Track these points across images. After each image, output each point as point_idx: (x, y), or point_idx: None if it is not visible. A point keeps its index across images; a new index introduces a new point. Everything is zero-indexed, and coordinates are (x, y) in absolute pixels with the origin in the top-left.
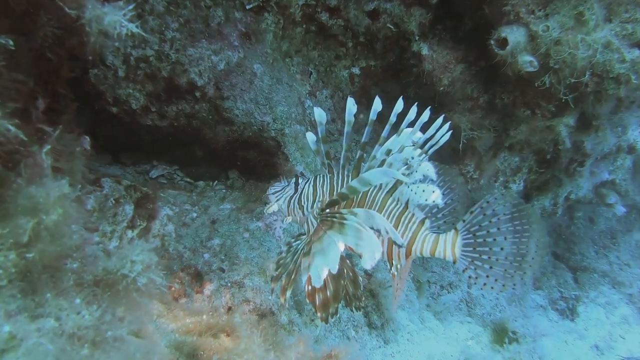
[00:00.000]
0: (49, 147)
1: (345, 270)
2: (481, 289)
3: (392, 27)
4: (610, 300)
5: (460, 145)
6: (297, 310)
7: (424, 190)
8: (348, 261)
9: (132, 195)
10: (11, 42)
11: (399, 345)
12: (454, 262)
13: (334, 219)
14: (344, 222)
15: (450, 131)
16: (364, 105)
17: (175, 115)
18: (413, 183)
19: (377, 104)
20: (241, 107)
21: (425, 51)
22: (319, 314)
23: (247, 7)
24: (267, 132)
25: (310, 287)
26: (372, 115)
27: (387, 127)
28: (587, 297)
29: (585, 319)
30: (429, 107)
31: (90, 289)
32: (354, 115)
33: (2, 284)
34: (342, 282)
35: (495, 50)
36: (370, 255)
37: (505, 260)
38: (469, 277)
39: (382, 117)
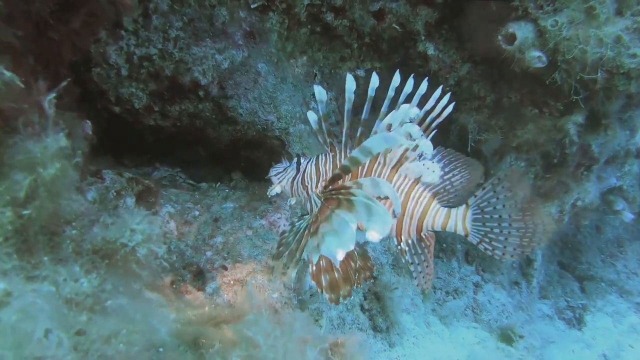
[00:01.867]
0: (53, 95)
1: (353, 250)
2: (500, 258)
3: (397, 27)
4: (617, 309)
5: (469, 148)
6: (300, 310)
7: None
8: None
9: (134, 187)
10: None
11: (404, 348)
12: (466, 236)
13: (340, 196)
14: (352, 198)
15: (453, 102)
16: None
17: (179, 115)
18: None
19: (375, 81)
20: (245, 106)
21: (431, 51)
22: (327, 295)
23: (252, 6)
24: (272, 131)
25: (315, 268)
26: (371, 92)
27: (386, 102)
28: (595, 306)
29: (592, 328)
30: (426, 77)
31: (89, 257)
32: (354, 92)
33: None
34: (352, 264)
35: (503, 46)
36: (381, 230)
37: (518, 232)
38: (485, 249)
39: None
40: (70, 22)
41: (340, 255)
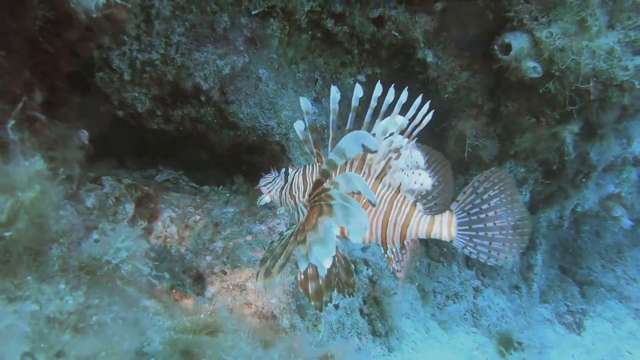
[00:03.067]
0: (13, 122)
1: (336, 258)
2: (485, 262)
3: (397, 34)
4: (617, 314)
5: (466, 153)
6: (299, 315)
7: (413, 175)
8: (340, 249)
9: (133, 194)
10: None
11: (403, 353)
12: (451, 242)
13: (322, 202)
14: (331, 202)
15: (432, 111)
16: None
17: (181, 119)
18: (401, 169)
19: (358, 91)
20: (246, 111)
21: (430, 58)
22: (313, 303)
23: (253, 12)
24: (272, 136)
25: (302, 276)
26: (354, 102)
27: (369, 112)
28: (594, 312)
29: (592, 333)
30: (406, 87)
31: (75, 273)
32: (338, 103)
33: None
34: (334, 269)
35: (499, 55)
36: (358, 228)
37: (500, 234)
38: (470, 252)
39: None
40: (63, 35)
41: (327, 264)
